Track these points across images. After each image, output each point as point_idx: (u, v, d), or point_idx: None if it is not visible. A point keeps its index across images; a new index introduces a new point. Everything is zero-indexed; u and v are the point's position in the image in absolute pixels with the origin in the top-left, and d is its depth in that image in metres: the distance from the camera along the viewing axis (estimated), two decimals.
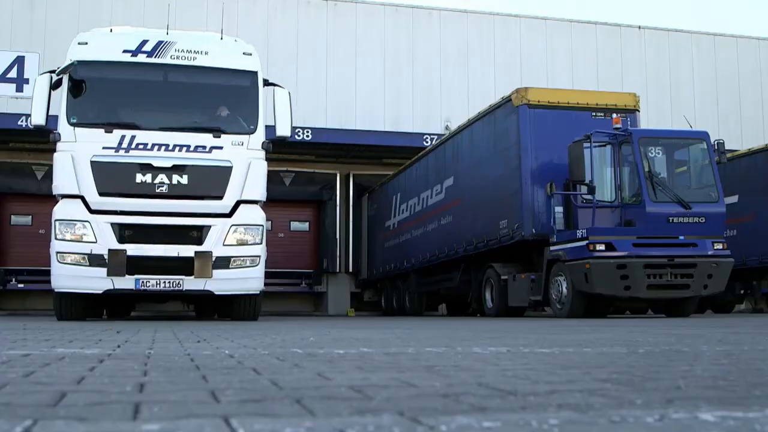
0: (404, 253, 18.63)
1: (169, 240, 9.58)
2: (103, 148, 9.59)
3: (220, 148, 9.93)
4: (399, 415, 1.37)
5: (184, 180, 9.68)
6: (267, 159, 10.42)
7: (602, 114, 13.41)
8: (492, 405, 1.50)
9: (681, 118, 16.95)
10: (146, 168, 9.66)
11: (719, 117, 25.65)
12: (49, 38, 18.23)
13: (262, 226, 10.02)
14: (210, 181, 9.79)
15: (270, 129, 10.45)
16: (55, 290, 9.69)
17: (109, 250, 9.34)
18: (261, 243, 9.96)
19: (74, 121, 9.73)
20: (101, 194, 9.46)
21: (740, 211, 15.98)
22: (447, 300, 18.45)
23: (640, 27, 26.77)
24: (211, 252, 9.63)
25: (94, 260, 9.33)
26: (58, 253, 9.41)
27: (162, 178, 9.64)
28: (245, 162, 9.96)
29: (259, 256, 9.91)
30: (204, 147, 9.90)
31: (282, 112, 10.28)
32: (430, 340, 4.05)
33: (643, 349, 3.30)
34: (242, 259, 9.84)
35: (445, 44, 21.92)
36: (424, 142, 19.62)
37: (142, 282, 9.51)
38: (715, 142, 12.61)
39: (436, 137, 19.35)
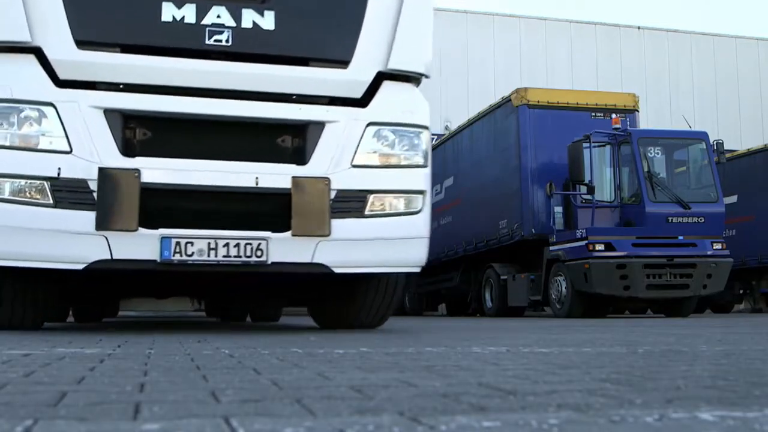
0: None
1: (234, 151, 4.80)
2: None
3: None
4: (399, 415, 1.37)
5: (268, 21, 4.80)
6: None
7: (601, 114, 13.43)
8: (492, 405, 1.50)
9: (680, 118, 16.96)
10: None
11: (718, 117, 25.64)
12: None
13: (426, 128, 5.16)
14: (321, 27, 4.99)
15: None
16: None
17: (101, 170, 4.49)
18: (425, 164, 5.10)
19: None
20: (81, 44, 4.60)
21: (739, 211, 15.99)
22: (447, 300, 18.45)
23: (639, 27, 26.78)
24: (328, 179, 4.79)
25: (67, 194, 4.49)
26: None
27: (219, 13, 4.74)
28: None
29: (422, 192, 5.07)
30: None
31: None
32: (430, 340, 4.05)
33: (642, 349, 3.30)
34: (391, 196, 4.99)
35: (445, 44, 21.93)
36: None
37: (177, 245, 4.59)
38: (715, 142, 12.63)
39: (435, 137, 19.37)
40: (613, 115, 13.14)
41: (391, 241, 4.98)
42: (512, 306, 14.07)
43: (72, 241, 4.51)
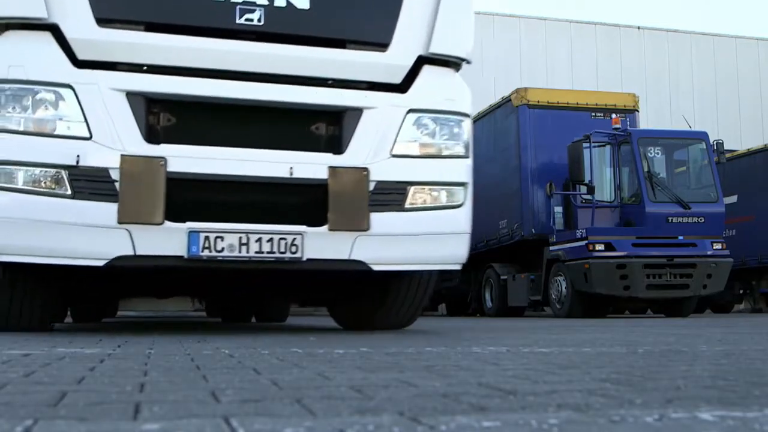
0: None
1: (266, 139, 4.52)
2: None
3: None
4: (399, 415, 1.37)
5: (302, 0, 4.52)
6: None
7: (601, 114, 13.45)
8: (492, 405, 1.50)
9: (680, 118, 16.96)
10: None
11: (718, 117, 25.65)
12: None
13: (468, 116, 4.87)
14: (358, 7, 4.77)
15: None
16: None
17: (124, 157, 4.18)
18: (466, 154, 4.83)
19: None
20: (102, 22, 4.29)
21: (739, 211, 15.99)
22: (447, 300, 18.46)
23: (639, 27, 26.78)
24: (367, 170, 4.50)
25: (87, 184, 4.16)
26: None
27: None
28: None
29: (464, 184, 4.80)
30: None
31: None
32: (430, 340, 4.06)
33: (642, 349, 3.30)
34: (432, 189, 4.70)
35: None
36: None
37: (206, 240, 4.27)
38: (714, 142, 12.64)
39: None
40: (613, 115, 13.15)
41: (432, 236, 4.68)
42: (512, 306, 14.07)
43: (92, 235, 4.15)
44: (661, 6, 44.40)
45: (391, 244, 4.57)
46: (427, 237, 4.66)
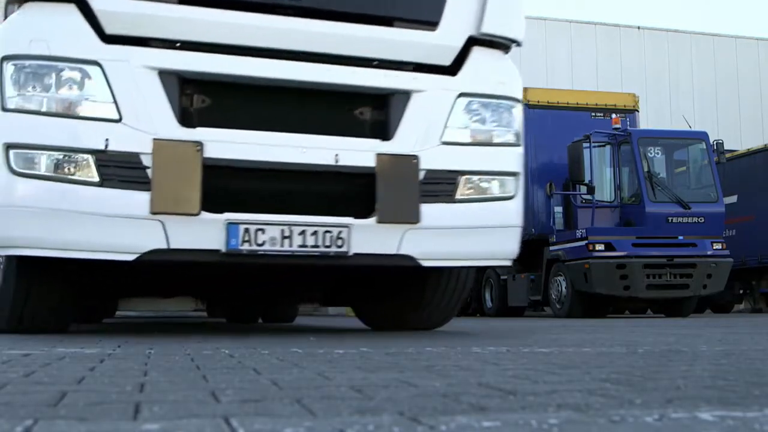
0: None
1: (308, 124, 4.19)
2: None
3: None
4: (399, 415, 1.37)
5: None
6: None
7: (601, 114, 13.46)
8: (492, 405, 1.50)
9: (680, 118, 16.97)
10: None
11: (718, 117, 25.65)
12: None
13: (519, 102, 4.60)
14: None
15: None
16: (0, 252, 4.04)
17: (157, 142, 3.85)
18: (518, 142, 4.56)
19: None
20: None
21: (739, 211, 16.00)
22: None
23: (639, 27, 26.77)
24: (417, 157, 4.23)
25: (116, 170, 3.83)
26: (8, 146, 3.81)
27: None
28: None
29: (516, 174, 4.52)
30: None
31: None
32: (430, 340, 4.05)
33: (642, 349, 3.30)
34: (483, 179, 4.42)
35: None
36: None
37: (246, 233, 3.96)
38: (714, 142, 12.65)
39: None
40: (613, 115, 13.16)
41: (483, 230, 4.39)
42: (512, 306, 14.08)
43: (121, 227, 3.80)
44: (661, 6, 44.42)
45: (441, 238, 4.29)
46: (478, 230, 4.38)
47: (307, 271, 5.11)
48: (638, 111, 13.80)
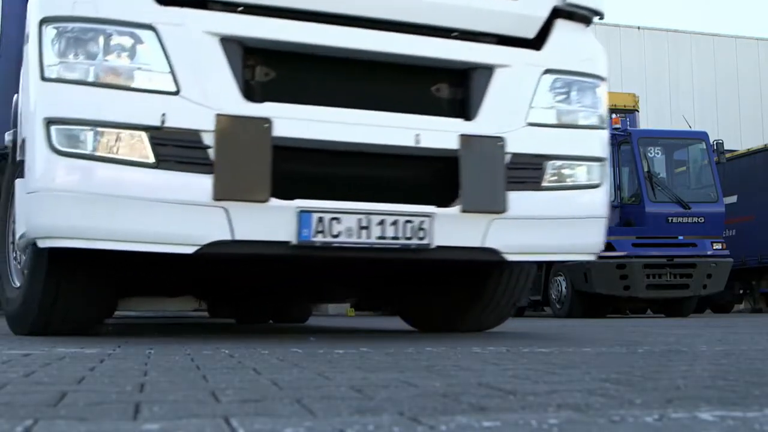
0: None
1: (384, 100, 3.80)
2: None
3: None
4: (399, 415, 1.37)
5: None
6: None
7: None
8: (492, 405, 1.50)
9: (680, 118, 16.97)
10: None
11: (718, 117, 25.65)
12: None
13: (605, 81, 4.23)
14: None
15: None
16: (38, 243, 3.49)
17: (220, 118, 3.41)
18: (604, 125, 4.21)
19: None
20: None
21: (739, 211, 16.00)
22: None
23: (639, 27, 26.78)
24: (503, 139, 3.84)
25: (174, 150, 3.37)
26: (49, 121, 3.32)
27: None
28: None
29: (602, 160, 4.17)
30: None
31: None
32: (430, 340, 4.05)
33: (642, 349, 3.30)
34: (569, 164, 4.08)
35: None
36: None
37: (319, 222, 3.54)
38: (714, 142, 12.65)
39: None
40: (613, 115, 13.16)
41: (568, 221, 4.03)
42: None
43: (180, 215, 3.36)
44: (661, 6, 44.41)
45: (527, 229, 3.91)
46: (563, 222, 4.02)
47: (362, 266, 4.69)
48: (638, 111, 13.81)
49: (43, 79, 3.34)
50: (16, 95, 4.18)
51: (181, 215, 3.37)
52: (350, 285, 6.45)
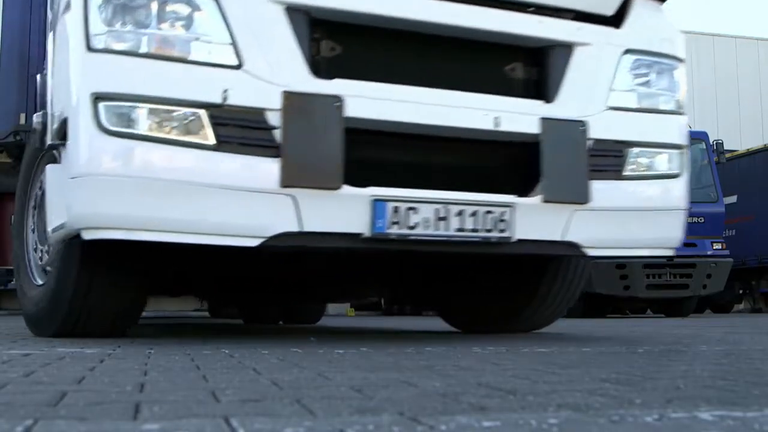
0: None
1: (459, 79, 3.50)
2: None
3: None
4: (399, 415, 1.37)
5: None
6: None
7: None
8: (492, 405, 1.50)
9: None
10: None
11: (718, 117, 25.66)
12: None
13: (682, 62, 3.96)
14: None
15: None
16: (84, 235, 3.05)
17: (287, 95, 3.08)
18: (683, 110, 3.95)
19: None
20: None
21: (739, 211, 16.01)
22: None
23: None
24: (585, 124, 3.56)
25: (236, 130, 3.04)
26: (96, 97, 2.94)
27: None
28: None
29: (682, 147, 3.91)
30: None
31: None
32: (430, 340, 4.05)
33: (642, 348, 3.30)
34: (650, 152, 3.82)
35: None
36: None
37: (395, 212, 3.22)
38: (714, 142, 12.65)
39: None
40: None
41: (649, 213, 3.77)
42: None
43: (243, 203, 3.04)
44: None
45: (608, 221, 3.65)
46: (644, 214, 3.76)
47: (408, 261, 4.32)
48: None
49: (90, 49, 2.98)
50: (39, 75, 3.87)
51: (245, 203, 3.05)
52: (385, 282, 5.96)
